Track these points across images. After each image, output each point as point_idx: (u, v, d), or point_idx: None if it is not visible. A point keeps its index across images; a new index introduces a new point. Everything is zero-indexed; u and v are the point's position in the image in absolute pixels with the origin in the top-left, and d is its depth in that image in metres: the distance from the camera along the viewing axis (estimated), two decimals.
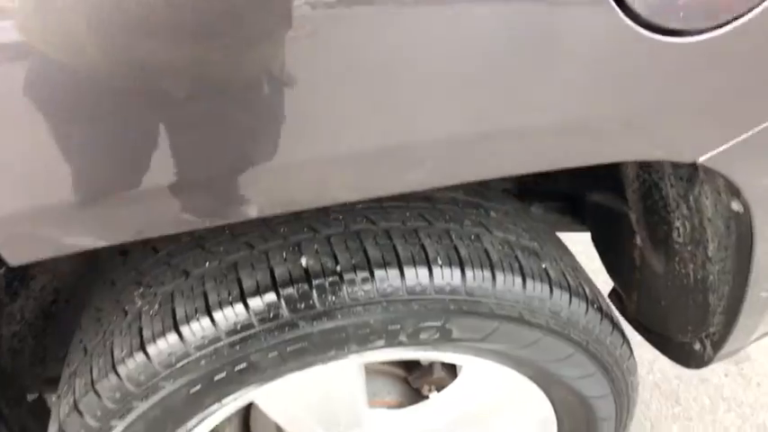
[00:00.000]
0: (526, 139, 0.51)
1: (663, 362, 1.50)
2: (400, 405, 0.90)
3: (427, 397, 0.92)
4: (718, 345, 0.86)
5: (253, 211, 0.48)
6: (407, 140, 0.47)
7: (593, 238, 1.17)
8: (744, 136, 0.52)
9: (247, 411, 1.03)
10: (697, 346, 0.91)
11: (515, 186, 1.09)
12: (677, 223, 0.81)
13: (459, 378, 0.84)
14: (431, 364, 0.93)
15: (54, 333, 0.96)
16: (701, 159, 0.53)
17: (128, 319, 0.67)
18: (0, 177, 0.40)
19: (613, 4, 0.44)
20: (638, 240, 0.96)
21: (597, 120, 0.51)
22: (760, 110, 0.52)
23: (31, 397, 0.98)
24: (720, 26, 0.46)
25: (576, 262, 0.82)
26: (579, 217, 1.14)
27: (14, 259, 0.44)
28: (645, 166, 0.81)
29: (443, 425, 0.86)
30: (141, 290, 0.69)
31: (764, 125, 0.54)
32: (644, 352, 1.54)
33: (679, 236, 0.82)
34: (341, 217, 0.68)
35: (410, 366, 0.95)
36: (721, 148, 0.53)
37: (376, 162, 0.48)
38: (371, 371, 0.91)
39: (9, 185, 0.40)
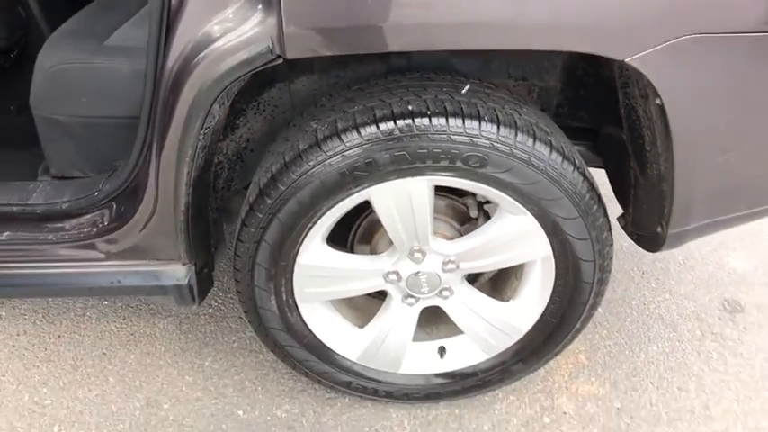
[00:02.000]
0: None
1: (670, 303, 1.96)
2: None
3: None
4: (668, 223, 1.36)
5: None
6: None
7: (609, 176, 1.68)
8: (655, 49, 1.05)
9: None
10: (659, 230, 1.40)
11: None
12: (645, 133, 1.31)
13: (492, 218, 1.38)
14: (477, 218, 1.47)
15: (240, 173, 1.58)
16: (628, 59, 1.07)
17: (308, 133, 1.27)
18: None
19: None
20: (632, 162, 1.47)
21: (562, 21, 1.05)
22: (669, 28, 1.04)
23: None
24: None
25: (574, 148, 1.34)
26: (598, 154, 1.66)
27: (291, 54, 1.04)
28: (626, 95, 1.33)
29: (482, 251, 1.40)
30: (315, 121, 1.29)
31: (674, 41, 1.06)
32: (657, 294, 2.00)
33: (646, 144, 1.33)
34: (434, 91, 1.25)
35: (462, 223, 1.50)
36: (640, 55, 1.06)
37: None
38: (437, 217, 1.46)
39: None
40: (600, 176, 1.71)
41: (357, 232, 1.57)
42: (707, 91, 1.16)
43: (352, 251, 1.58)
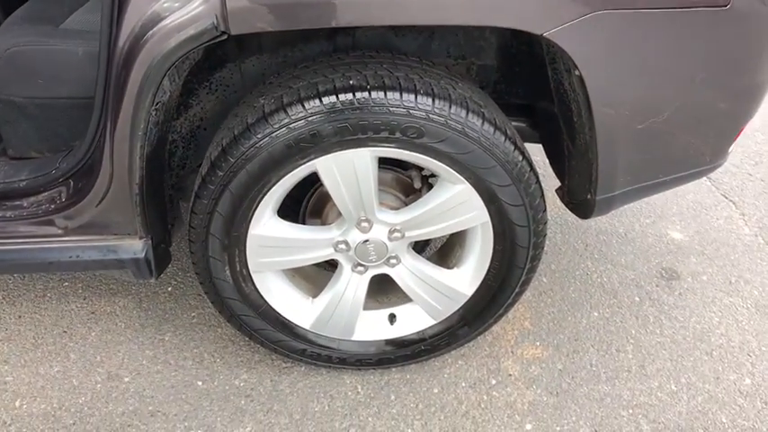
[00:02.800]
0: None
1: (611, 273, 2.10)
2: None
3: None
4: (595, 190, 1.48)
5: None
6: None
7: (546, 151, 1.80)
8: (570, 23, 1.17)
9: None
10: (589, 197, 1.53)
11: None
12: (572, 105, 1.43)
13: (434, 187, 1.49)
14: (420, 190, 1.58)
15: (194, 151, 1.66)
16: (546, 33, 1.18)
17: (255, 108, 1.36)
18: None
19: None
20: (564, 134, 1.59)
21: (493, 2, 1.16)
22: (582, 4, 1.16)
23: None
24: None
25: (507, 120, 1.45)
26: (536, 129, 1.79)
27: (235, 30, 1.13)
28: (554, 70, 1.44)
29: (424, 219, 1.50)
30: (263, 97, 1.38)
31: (587, 16, 1.18)
32: (599, 265, 2.14)
33: (573, 115, 1.45)
34: (374, 67, 1.35)
35: (408, 193, 1.61)
36: (557, 29, 1.17)
37: None
38: (382, 189, 1.57)
39: None
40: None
41: (308, 206, 1.66)
42: (622, 63, 1.28)
43: (303, 225, 1.68)
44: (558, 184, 1.73)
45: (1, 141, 1.69)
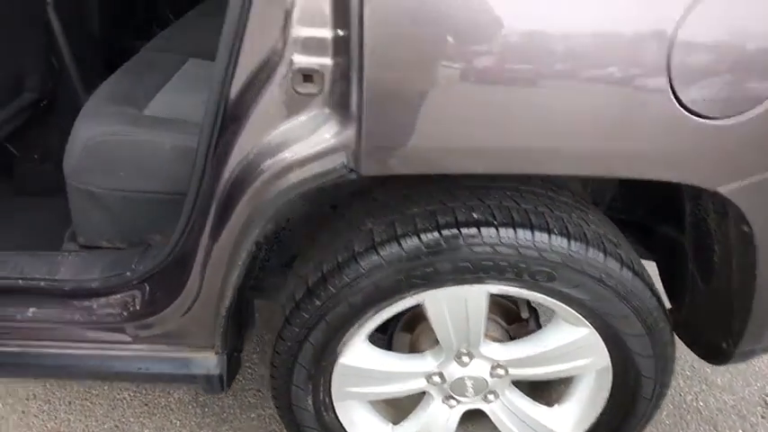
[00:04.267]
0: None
1: (707, 395, 1.89)
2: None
3: None
4: (737, 342, 1.28)
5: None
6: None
7: (659, 268, 1.61)
8: (749, 180, 0.98)
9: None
10: (723, 345, 1.33)
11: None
12: (716, 248, 1.24)
13: (548, 325, 1.30)
14: (527, 320, 1.39)
15: (277, 251, 1.50)
16: (720, 189, 1.00)
17: (364, 233, 1.19)
18: None
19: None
20: (692, 266, 1.40)
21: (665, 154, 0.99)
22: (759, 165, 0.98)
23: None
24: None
25: (639, 260, 1.26)
26: (649, 249, 1.59)
27: (366, 170, 0.96)
28: (696, 205, 1.26)
29: (535, 359, 1.31)
30: (371, 219, 1.21)
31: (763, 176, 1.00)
32: (693, 384, 1.93)
33: (716, 258, 1.25)
34: (498, 196, 1.18)
35: (511, 321, 1.42)
36: (733, 185, 0.99)
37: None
38: None
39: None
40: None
41: (398, 323, 1.48)
42: None
43: (391, 339, 1.50)
44: None
45: (70, 221, 1.55)
